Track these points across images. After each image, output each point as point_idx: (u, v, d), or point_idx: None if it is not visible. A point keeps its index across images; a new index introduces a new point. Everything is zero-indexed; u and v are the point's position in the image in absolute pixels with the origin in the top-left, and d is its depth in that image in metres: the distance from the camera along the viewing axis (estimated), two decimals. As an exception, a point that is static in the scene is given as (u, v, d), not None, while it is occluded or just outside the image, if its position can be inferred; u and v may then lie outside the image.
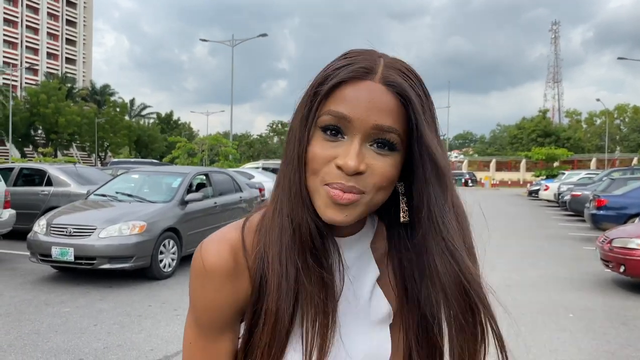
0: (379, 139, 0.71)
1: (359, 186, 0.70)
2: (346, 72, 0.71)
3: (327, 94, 0.71)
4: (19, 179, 10.92)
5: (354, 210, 0.71)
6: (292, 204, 0.74)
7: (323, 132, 0.71)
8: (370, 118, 0.69)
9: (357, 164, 0.68)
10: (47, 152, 50.45)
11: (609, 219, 10.79)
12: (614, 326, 5.25)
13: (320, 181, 0.71)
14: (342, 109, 0.70)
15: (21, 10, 75.13)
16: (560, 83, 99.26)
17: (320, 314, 0.74)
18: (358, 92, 0.70)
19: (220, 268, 0.74)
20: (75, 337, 4.68)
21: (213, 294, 0.75)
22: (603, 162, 51.02)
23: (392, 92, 0.71)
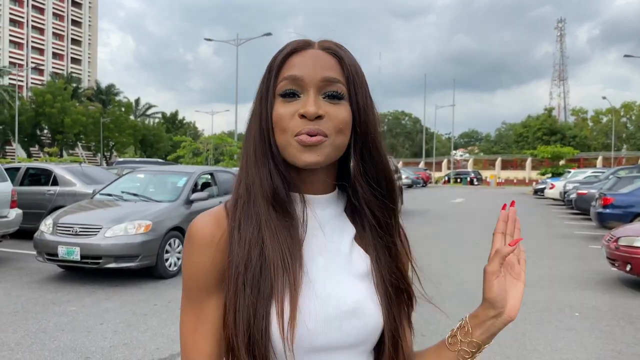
0: (328, 91, 0.84)
1: (322, 128, 0.81)
2: (291, 46, 0.87)
3: (279, 67, 0.85)
4: (25, 178, 10.99)
5: (323, 150, 0.82)
6: (257, 166, 0.86)
7: (282, 97, 0.84)
8: (318, 73, 0.83)
9: (315, 109, 0.81)
10: (53, 152, 50.64)
11: (615, 218, 10.75)
12: (620, 325, 5.23)
13: (290, 134, 0.82)
14: (294, 71, 0.84)
15: (27, 10, 75.46)
16: (566, 81, 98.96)
17: (287, 255, 0.82)
18: (304, 57, 0.85)
19: (203, 236, 0.85)
20: (82, 335, 4.70)
21: (197, 258, 0.85)
22: (609, 160, 50.79)
23: (329, 53, 0.86)
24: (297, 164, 0.83)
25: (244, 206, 0.86)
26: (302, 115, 0.81)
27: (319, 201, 0.90)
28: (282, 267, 0.81)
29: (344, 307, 0.84)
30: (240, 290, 0.81)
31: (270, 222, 0.84)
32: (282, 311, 0.79)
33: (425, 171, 47.74)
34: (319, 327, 0.82)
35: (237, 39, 35.21)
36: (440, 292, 6.42)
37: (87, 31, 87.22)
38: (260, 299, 0.80)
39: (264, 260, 0.81)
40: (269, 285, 0.80)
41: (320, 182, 0.89)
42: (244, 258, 0.82)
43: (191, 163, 31.39)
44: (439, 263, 8.40)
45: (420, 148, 73.12)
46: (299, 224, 0.86)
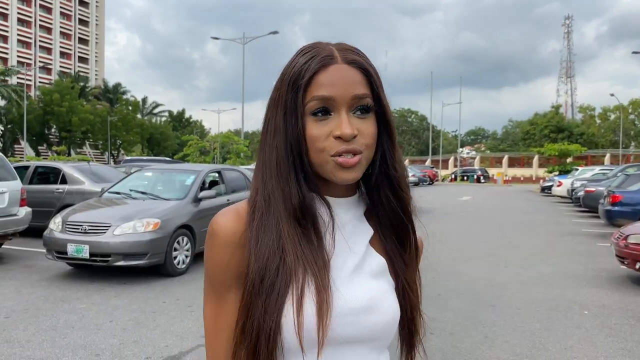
0: (359, 106, 0.86)
1: (357, 147, 0.84)
2: (316, 63, 0.86)
3: (306, 86, 0.85)
4: (34, 177, 11.05)
5: (360, 168, 0.86)
6: (281, 180, 0.88)
7: (314, 116, 0.85)
8: (348, 91, 0.84)
9: (351, 130, 0.83)
10: (61, 151, 50.92)
11: (624, 215, 10.68)
12: (630, 323, 5.21)
13: (327, 154, 0.84)
14: (324, 92, 0.84)
15: (35, 10, 75.81)
16: (573, 78, 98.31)
17: (313, 262, 0.85)
18: (331, 75, 0.85)
19: (225, 233, 0.87)
20: (92, 333, 4.73)
21: (217, 254, 0.88)
22: (617, 157, 50.44)
23: (354, 67, 0.87)
24: (336, 181, 0.86)
25: (262, 217, 0.87)
26: (337, 137, 0.83)
27: (340, 203, 0.92)
28: (304, 267, 0.84)
29: (359, 303, 0.87)
30: (254, 301, 0.84)
31: (293, 233, 0.86)
32: (301, 306, 0.82)
33: (432, 169, 47.63)
34: (336, 321, 0.84)
35: (243, 38, 35.25)
36: (448, 290, 6.41)
37: (94, 30, 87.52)
38: (271, 305, 0.82)
39: (282, 271, 0.84)
40: (285, 289, 0.83)
41: (343, 187, 0.92)
42: (261, 270, 0.84)
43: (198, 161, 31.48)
44: (447, 261, 8.38)
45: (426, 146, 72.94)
46: (323, 228, 0.88)
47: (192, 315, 5.30)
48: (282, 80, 0.89)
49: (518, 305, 5.82)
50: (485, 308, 5.69)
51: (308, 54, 0.87)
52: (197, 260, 7.84)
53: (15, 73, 54.92)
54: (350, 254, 0.90)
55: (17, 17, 72.99)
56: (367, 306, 0.87)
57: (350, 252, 0.90)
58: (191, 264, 7.54)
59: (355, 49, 0.90)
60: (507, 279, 7.09)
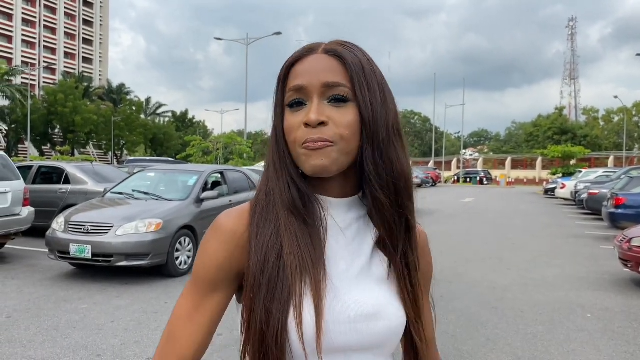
0: (332, 95, 0.82)
1: (325, 136, 0.80)
2: (294, 55, 0.86)
3: (285, 78, 0.86)
4: (37, 177, 11.08)
5: (328, 155, 0.81)
6: (277, 176, 0.87)
7: (290, 108, 0.85)
8: (319, 78, 0.82)
9: (317, 116, 0.80)
10: (64, 151, 51.06)
11: (628, 218, 10.64)
12: (633, 327, 5.18)
13: (299, 145, 0.82)
14: (297, 81, 0.83)
15: (39, 10, 76.07)
16: (577, 80, 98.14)
17: (308, 259, 0.82)
18: (305, 64, 0.84)
19: (225, 230, 0.86)
20: (93, 333, 4.73)
21: (214, 250, 0.86)
22: (621, 160, 50.29)
23: (332, 56, 0.84)
24: (306, 171, 0.83)
25: (263, 211, 0.87)
26: (306, 124, 0.81)
27: (340, 204, 0.90)
28: (301, 270, 0.81)
29: (364, 310, 0.84)
30: (256, 294, 0.81)
31: (290, 227, 0.84)
32: (300, 313, 0.79)
33: (435, 170, 47.55)
34: (339, 328, 0.82)
35: (246, 39, 35.27)
36: (450, 292, 6.39)
37: (98, 31, 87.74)
38: (276, 302, 0.80)
39: (281, 264, 0.82)
40: (287, 288, 0.80)
41: (339, 187, 0.89)
42: (261, 262, 0.82)
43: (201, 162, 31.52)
44: (449, 263, 8.36)
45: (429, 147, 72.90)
46: (320, 228, 0.86)
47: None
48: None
49: (520, 307, 5.79)
50: (487, 310, 5.67)
51: (296, 51, 0.88)
52: (199, 261, 7.84)
53: (19, 73, 55.12)
54: (356, 257, 0.88)
55: (21, 18, 73.24)
56: (373, 313, 0.85)
57: (355, 255, 0.88)
58: (193, 264, 7.53)
59: (347, 42, 0.87)
60: (510, 281, 7.07)
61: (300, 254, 0.82)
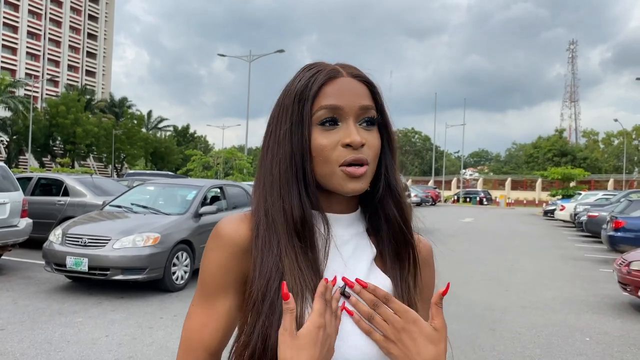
0: (365, 118, 0.87)
1: (365, 157, 0.85)
2: (324, 75, 0.88)
3: (314, 96, 0.86)
4: (36, 188, 11.07)
5: (367, 179, 0.87)
6: (282, 192, 0.87)
7: (322, 126, 0.86)
8: (356, 102, 0.86)
9: (360, 138, 0.84)
10: (64, 163, 51.08)
11: (627, 241, 10.61)
12: (632, 352, 5.13)
13: (334, 164, 0.85)
14: (332, 101, 0.85)
15: (44, 23, 76.73)
16: (578, 102, 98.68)
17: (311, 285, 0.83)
18: (339, 86, 0.87)
19: (229, 234, 0.88)
20: (87, 347, 4.69)
21: (219, 255, 0.88)
22: (621, 183, 50.31)
23: (359, 80, 0.89)
24: (343, 192, 0.86)
25: (265, 234, 0.87)
26: (346, 145, 0.84)
27: (340, 220, 0.92)
28: (302, 290, 0.83)
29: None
30: (255, 319, 0.83)
31: (291, 251, 0.85)
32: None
33: (435, 189, 47.54)
34: (338, 344, 0.83)
35: (249, 55, 35.52)
36: (447, 313, 6.33)
37: (102, 44, 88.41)
38: (275, 328, 0.81)
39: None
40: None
41: (344, 204, 0.92)
42: (263, 289, 0.83)
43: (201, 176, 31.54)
44: (446, 283, 8.31)
45: (429, 166, 72.97)
46: (322, 248, 0.88)
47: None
48: (286, 94, 0.90)
49: (518, 329, 5.75)
50: (485, 332, 5.62)
51: (313, 69, 0.89)
52: (196, 276, 7.79)
53: (22, 85, 55.39)
54: (353, 273, 0.89)
55: (27, 30, 73.84)
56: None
57: (353, 271, 0.89)
58: (190, 279, 7.50)
59: (356, 67, 0.92)
60: (508, 303, 7.02)
61: (302, 278, 0.83)
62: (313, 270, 0.85)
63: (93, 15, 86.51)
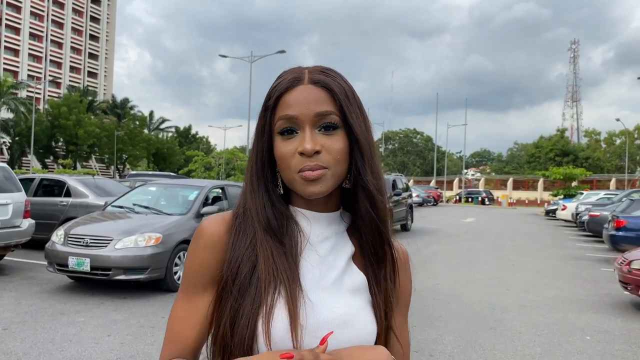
0: (323, 124, 0.88)
1: (320, 163, 0.86)
2: (283, 85, 0.91)
3: (274, 107, 0.90)
4: (39, 189, 11.12)
5: (325, 182, 0.88)
6: (254, 195, 0.94)
7: (281, 135, 0.90)
8: (310, 109, 0.88)
9: (312, 145, 0.86)
10: (67, 164, 51.19)
11: (628, 241, 10.61)
12: (633, 350, 5.14)
13: (294, 171, 0.88)
14: (289, 111, 0.88)
15: (46, 25, 76.93)
16: (579, 102, 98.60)
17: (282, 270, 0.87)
18: (295, 95, 0.89)
19: (210, 234, 0.92)
20: (89, 347, 4.72)
21: (200, 254, 0.92)
22: (623, 182, 50.23)
23: (319, 87, 0.90)
24: (305, 195, 0.89)
25: (240, 225, 0.93)
26: (301, 153, 0.86)
27: (321, 218, 0.95)
28: (275, 281, 0.87)
29: (334, 316, 0.88)
30: (224, 300, 0.88)
31: (265, 244, 0.90)
32: (268, 321, 0.84)
33: (436, 190, 47.53)
34: (308, 334, 0.85)
35: (251, 56, 35.57)
36: (448, 312, 6.36)
37: (104, 46, 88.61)
38: (243, 310, 0.85)
39: (254, 276, 0.88)
40: (258, 297, 0.86)
41: (322, 203, 0.95)
42: (234, 271, 0.88)
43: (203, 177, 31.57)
44: (448, 283, 8.33)
45: (431, 166, 72.90)
46: (296, 243, 0.92)
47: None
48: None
49: (519, 328, 5.76)
50: (485, 331, 5.64)
51: (279, 78, 0.93)
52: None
53: (25, 87, 55.53)
54: (329, 268, 0.92)
55: (29, 32, 74.04)
56: (342, 321, 0.88)
57: (330, 266, 0.92)
58: (192, 279, 7.52)
59: (327, 69, 0.94)
60: (509, 302, 7.03)
61: (275, 267, 0.87)
62: (288, 261, 0.89)
63: (95, 16, 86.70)
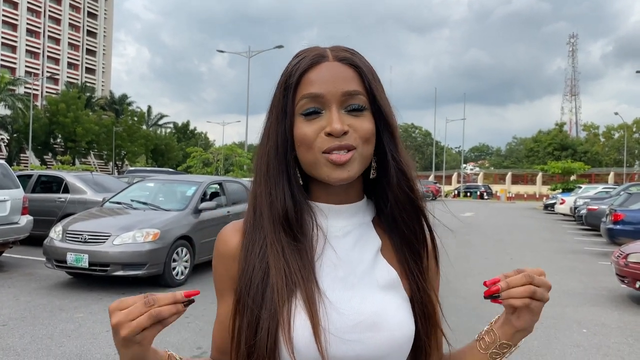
0: (349, 104, 0.82)
1: (349, 142, 0.80)
2: (306, 62, 0.84)
3: (296, 85, 0.83)
4: (37, 185, 11.11)
5: (352, 166, 0.81)
6: (269, 185, 0.86)
7: (304, 116, 0.82)
8: (338, 88, 0.81)
9: (341, 126, 0.79)
10: (65, 160, 51.12)
11: (626, 234, 10.63)
12: (629, 342, 5.17)
13: (317, 151, 0.81)
14: (313, 89, 0.81)
15: (44, 21, 76.66)
16: (578, 96, 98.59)
17: (297, 274, 0.81)
18: (321, 72, 0.82)
19: (223, 245, 0.89)
20: (88, 342, 4.73)
21: (217, 264, 0.91)
22: (621, 176, 50.30)
23: (346, 64, 0.84)
24: (329, 181, 0.82)
25: (250, 230, 0.87)
26: (328, 134, 0.80)
27: (341, 211, 0.88)
28: (288, 287, 0.80)
29: (362, 318, 0.80)
30: (241, 315, 0.82)
31: (276, 244, 0.83)
32: (289, 330, 0.77)
33: (435, 184, 47.57)
34: (336, 339, 0.78)
35: (249, 51, 35.49)
36: (446, 306, 6.36)
37: (102, 42, 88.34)
38: (261, 322, 0.79)
39: (267, 284, 0.81)
40: (273, 308, 0.79)
41: (343, 194, 0.88)
42: (247, 284, 0.83)
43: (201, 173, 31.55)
44: (446, 277, 8.30)
45: (430, 161, 72.96)
46: (312, 237, 0.85)
47: (188, 326, 5.29)
48: (276, 84, 0.87)
49: (516, 322, 5.77)
50: (483, 324, 5.56)
51: (300, 55, 0.86)
52: (196, 272, 7.83)
53: (22, 83, 55.38)
54: (356, 264, 0.85)
55: (26, 28, 73.80)
56: (372, 322, 0.80)
57: (355, 262, 0.85)
58: (190, 275, 7.53)
59: (350, 49, 0.87)
60: (507, 296, 7.04)
61: (288, 270, 0.80)
62: (302, 259, 0.82)
63: (92, 12, 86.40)
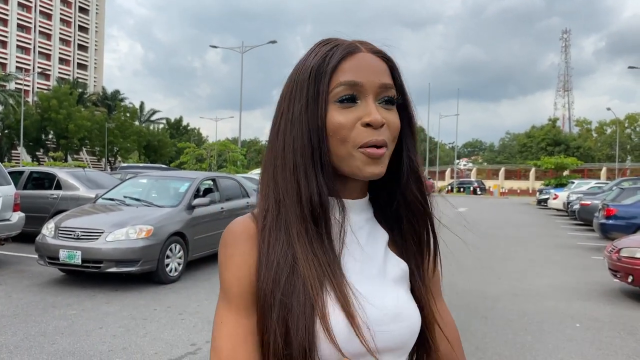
0: (384, 97, 0.81)
1: (384, 137, 0.79)
2: (342, 50, 0.81)
3: (332, 72, 0.80)
4: (29, 182, 11.03)
5: (385, 161, 0.81)
6: (297, 176, 0.81)
7: (340, 103, 0.80)
8: (376, 79, 0.80)
9: (381, 117, 0.78)
10: (57, 157, 50.82)
11: (618, 229, 10.70)
12: (621, 336, 5.20)
13: (353, 146, 0.79)
14: (351, 77, 0.79)
15: (34, 16, 76.00)
16: (571, 92, 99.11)
17: (327, 268, 0.78)
18: (358, 62, 0.81)
19: (243, 231, 0.82)
20: (81, 339, 4.70)
21: (238, 257, 0.81)
22: (613, 171, 50.61)
23: (380, 57, 0.83)
24: (360, 176, 0.80)
25: (273, 222, 0.81)
26: (366, 124, 0.78)
27: (354, 206, 0.87)
28: (320, 279, 0.77)
29: (386, 311, 0.82)
30: (267, 316, 0.77)
31: (304, 237, 0.80)
32: (328, 323, 0.75)
33: (429, 180, 47.56)
34: (370, 331, 0.79)
35: (242, 47, 35.37)
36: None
37: (93, 37, 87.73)
38: (295, 319, 0.75)
39: (297, 278, 0.77)
40: (308, 301, 0.76)
41: (359, 189, 0.88)
42: (271, 280, 0.78)
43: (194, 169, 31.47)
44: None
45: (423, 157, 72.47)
46: (336, 232, 0.83)
47: (182, 323, 5.27)
48: (299, 70, 0.83)
49: (510, 317, 5.81)
50: (477, 320, 5.68)
51: (330, 43, 0.84)
52: (189, 268, 7.82)
53: (13, 79, 54.96)
54: (371, 258, 0.86)
55: (16, 23, 73.13)
56: (396, 314, 0.83)
57: (370, 256, 0.86)
58: (183, 271, 7.51)
59: (375, 45, 0.87)
60: (500, 291, 7.09)
61: (317, 263, 0.78)
62: (330, 255, 0.80)
63: (83, 7, 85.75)
